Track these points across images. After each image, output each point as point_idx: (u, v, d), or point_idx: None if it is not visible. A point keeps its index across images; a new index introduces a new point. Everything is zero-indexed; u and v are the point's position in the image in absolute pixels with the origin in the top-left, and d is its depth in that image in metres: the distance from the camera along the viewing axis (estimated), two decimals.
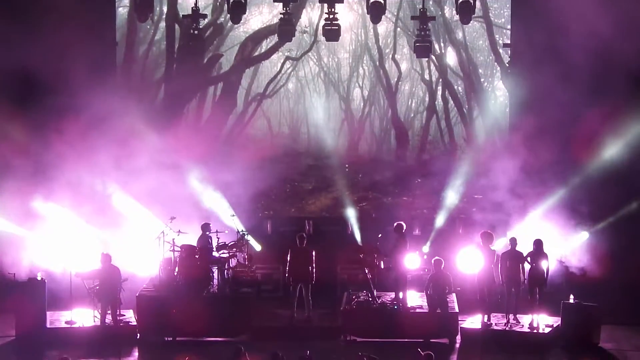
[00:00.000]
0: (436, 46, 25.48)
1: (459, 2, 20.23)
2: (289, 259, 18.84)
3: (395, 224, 18.89)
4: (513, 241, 18.43)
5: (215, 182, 21.43)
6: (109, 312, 18.13)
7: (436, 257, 18.28)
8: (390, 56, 26.41)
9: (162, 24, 25.08)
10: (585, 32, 18.75)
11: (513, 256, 18.30)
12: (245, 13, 20.54)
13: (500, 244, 19.03)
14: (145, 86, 24.68)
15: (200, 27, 21.03)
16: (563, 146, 19.95)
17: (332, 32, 20.54)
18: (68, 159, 19.71)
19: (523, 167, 20.38)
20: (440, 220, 21.31)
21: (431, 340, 17.57)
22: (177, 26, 24.33)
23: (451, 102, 26.20)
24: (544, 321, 18.22)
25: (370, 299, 18.83)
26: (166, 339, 18.31)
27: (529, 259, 18.26)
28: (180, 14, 23.39)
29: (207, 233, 19.36)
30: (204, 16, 21.42)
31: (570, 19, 19.08)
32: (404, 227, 18.86)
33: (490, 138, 23.67)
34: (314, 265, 18.69)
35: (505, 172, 20.37)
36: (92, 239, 19.68)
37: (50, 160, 19.66)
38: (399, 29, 26.33)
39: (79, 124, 19.66)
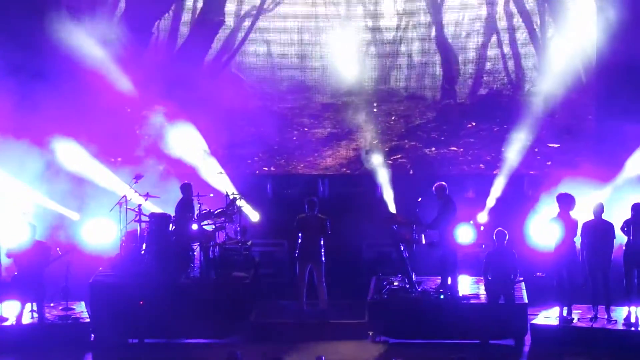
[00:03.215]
0: None
1: None
2: (295, 231, 18.81)
3: (435, 185, 18.74)
4: (599, 208, 18.22)
5: (196, 128, 21.39)
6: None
7: (497, 229, 18.14)
8: None
9: None
10: None
11: (600, 227, 18.13)
12: None
13: (585, 210, 18.84)
14: None
15: None
16: None
17: None
18: None
19: (616, 106, 20.32)
20: (502, 178, 21.19)
21: (491, 342, 17.61)
22: None
23: (517, 16, 25.94)
24: None
25: (407, 286, 18.77)
26: (130, 340, 18.33)
27: (625, 230, 18.09)
28: None
29: (189, 197, 19.32)
30: None
31: None
32: (446, 189, 18.73)
33: (571, 66, 23.36)
34: (328, 239, 18.65)
35: (591, 113, 20.17)
36: (28, 206, 19.69)
37: None
38: None
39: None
